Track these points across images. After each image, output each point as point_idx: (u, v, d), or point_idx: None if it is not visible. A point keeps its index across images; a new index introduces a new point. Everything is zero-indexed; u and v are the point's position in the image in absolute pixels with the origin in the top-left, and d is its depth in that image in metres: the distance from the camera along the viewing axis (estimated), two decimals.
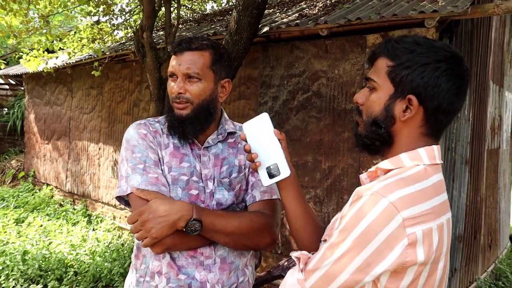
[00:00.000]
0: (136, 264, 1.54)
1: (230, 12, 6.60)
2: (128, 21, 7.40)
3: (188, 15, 8.58)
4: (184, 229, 1.34)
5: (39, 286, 4.37)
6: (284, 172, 1.26)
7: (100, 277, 4.63)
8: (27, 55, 6.54)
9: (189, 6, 8.35)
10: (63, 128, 8.31)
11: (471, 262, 4.71)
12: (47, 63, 6.81)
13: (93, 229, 6.42)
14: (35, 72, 8.75)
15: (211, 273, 1.46)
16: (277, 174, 1.26)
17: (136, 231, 1.33)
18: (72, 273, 4.64)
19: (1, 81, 11.64)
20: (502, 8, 3.06)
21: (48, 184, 8.72)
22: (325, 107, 4.03)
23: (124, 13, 7.30)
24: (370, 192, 1.01)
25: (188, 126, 1.47)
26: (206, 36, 1.93)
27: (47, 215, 7.10)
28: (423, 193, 1.02)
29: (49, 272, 4.63)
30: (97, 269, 4.70)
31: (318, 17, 4.09)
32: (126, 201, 1.47)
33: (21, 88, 11.32)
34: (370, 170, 1.18)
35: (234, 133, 1.62)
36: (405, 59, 1.07)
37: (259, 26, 4.05)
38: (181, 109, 1.47)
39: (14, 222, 6.45)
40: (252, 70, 4.66)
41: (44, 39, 5.98)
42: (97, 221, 6.74)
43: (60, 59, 7.67)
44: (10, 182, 9.65)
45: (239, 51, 3.79)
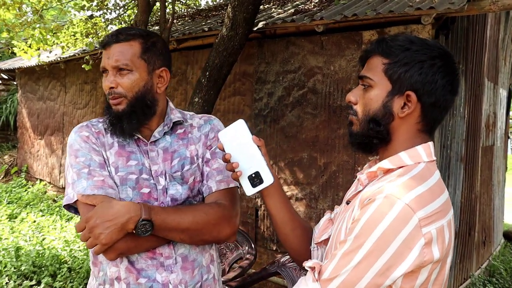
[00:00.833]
0: (95, 272, 1.47)
1: (225, 8, 6.57)
2: (122, 16, 7.34)
3: (183, 10, 8.53)
4: (134, 231, 1.27)
5: (33, 283, 4.34)
6: (267, 180, 1.22)
7: None
8: (24, 45, 6.42)
9: (184, 1, 8.29)
10: (57, 124, 8.25)
11: (466, 259, 4.73)
12: (39, 56, 6.74)
13: None
14: (28, 67, 8.69)
15: (173, 274, 1.41)
16: (260, 183, 1.22)
17: (85, 239, 1.26)
18: (66, 269, 4.61)
19: None
20: (498, 5, 3.07)
21: (42, 180, 8.67)
22: (321, 104, 4.02)
23: (118, 8, 7.25)
24: (383, 195, 1.00)
25: (125, 122, 1.40)
26: (137, 27, 1.86)
27: (41, 211, 7.06)
28: (432, 191, 1.03)
29: (43, 268, 4.60)
30: None
31: (314, 13, 4.07)
32: (76, 209, 1.39)
33: (14, 83, 11.23)
34: (370, 170, 1.16)
35: (183, 123, 1.53)
36: (402, 56, 1.08)
37: (255, 22, 4.03)
38: (117, 105, 1.39)
39: (7, 218, 6.41)
40: (248, 66, 4.63)
41: (37, 34, 5.92)
42: None
43: (54, 54, 7.61)
44: (3, 178, 9.59)
45: (235, 47, 3.77)
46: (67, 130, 7.92)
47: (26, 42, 6.26)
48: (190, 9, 8.36)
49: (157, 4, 5.43)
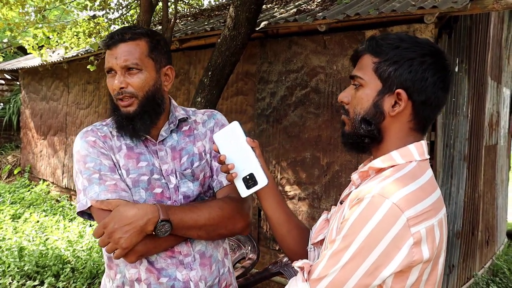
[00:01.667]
0: (111, 274, 1.46)
1: (228, 7, 6.57)
2: (125, 16, 7.35)
3: (186, 10, 8.54)
4: (154, 232, 1.28)
5: (36, 283, 4.35)
6: (262, 182, 1.22)
7: (98, 273, 4.61)
8: (33, 41, 6.37)
9: (187, 1, 8.30)
10: (60, 124, 8.27)
11: (469, 258, 4.72)
12: (47, 54, 6.75)
13: (90, 225, 6.39)
14: (31, 67, 8.71)
15: (193, 271, 1.42)
16: (255, 184, 1.23)
17: (104, 244, 1.26)
18: (69, 269, 4.62)
19: None
20: (502, 4, 3.05)
21: (45, 180, 8.69)
22: (323, 103, 4.02)
23: (121, 8, 7.26)
24: (371, 195, 1.00)
25: (138, 123, 1.39)
26: (140, 26, 1.84)
27: (44, 211, 7.08)
28: (422, 190, 1.02)
29: (46, 269, 4.61)
30: (94, 265, 4.68)
31: (317, 13, 4.07)
32: (89, 215, 1.39)
33: (17, 83, 11.26)
34: (362, 170, 1.16)
35: (187, 119, 1.54)
36: (392, 55, 1.08)
37: (257, 21, 4.03)
38: (127, 106, 1.38)
39: (11, 218, 6.43)
40: (250, 66, 4.63)
41: (41, 33, 5.93)
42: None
43: (56, 54, 7.62)
44: (6, 178, 9.62)
45: (237, 47, 3.76)
46: (70, 130, 7.94)
47: (35, 38, 6.23)
48: (193, 9, 8.37)
49: (160, 4, 5.44)
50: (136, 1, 6.92)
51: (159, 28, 6.64)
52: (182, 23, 7.04)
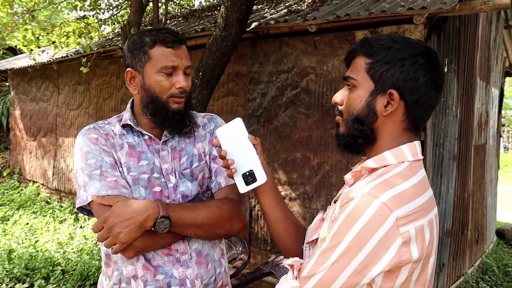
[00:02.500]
0: (108, 272, 1.48)
1: (219, 8, 6.57)
2: (116, 16, 7.32)
3: (176, 11, 8.52)
4: (153, 228, 1.30)
5: (26, 285, 4.32)
6: (261, 179, 1.24)
7: (88, 275, 4.59)
8: (23, 41, 6.29)
9: (177, 2, 8.28)
10: (50, 125, 8.21)
11: (459, 257, 4.76)
12: (32, 52, 6.68)
13: (81, 227, 6.36)
14: (20, 68, 8.64)
15: (189, 269, 1.44)
16: (254, 181, 1.24)
17: (103, 239, 1.28)
18: (60, 272, 4.59)
19: None
20: (489, 5, 3.09)
21: (35, 182, 8.62)
22: (314, 104, 4.03)
23: (111, 8, 7.23)
24: (361, 194, 1.00)
25: (186, 118, 1.48)
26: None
27: (34, 213, 7.03)
28: (413, 191, 1.03)
29: (36, 271, 4.58)
30: (85, 267, 4.66)
31: (307, 13, 4.08)
32: (89, 211, 1.41)
33: (6, 84, 11.16)
34: (355, 170, 1.17)
35: (189, 125, 1.57)
36: (384, 55, 1.09)
37: (248, 22, 4.03)
38: (181, 103, 1.45)
39: (0, 220, 6.37)
40: (241, 67, 4.63)
41: (29, 35, 5.88)
42: (85, 219, 6.67)
43: (46, 55, 7.56)
44: None
45: (228, 47, 3.76)
46: (60, 132, 7.88)
47: (24, 38, 6.17)
48: (183, 10, 8.35)
49: (150, 5, 5.42)
50: (127, 2, 6.89)
51: (148, 28, 6.61)
52: (173, 24, 7.02)
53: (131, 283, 1.42)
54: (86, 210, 1.41)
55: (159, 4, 4.92)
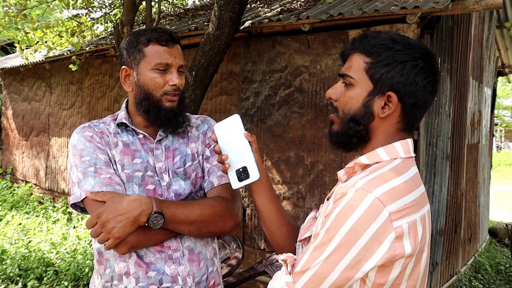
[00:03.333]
0: (100, 270, 1.49)
1: (212, 7, 6.55)
2: (108, 15, 7.28)
3: (170, 10, 8.49)
4: (147, 224, 1.31)
5: (19, 286, 4.29)
6: (254, 176, 1.23)
7: (81, 276, 4.57)
8: (20, 43, 6.23)
9: (171, 1, 8.25)
10: (42, 125, 8.16)
11: (452, 256, 4.78)
12: (24, 53, 6.64)
13: (74, 227, 6.32)
14: (12, 67, 8.58)
15: (181, 266, 1.45)
16: (247, 178, 1.24)
17: (97, 235, 1.28)
18: (53, 272, 4.57)
19: None
20: (482, 5, 3.10)
21: (27, 182, 8.57)
22: (307, 103, 4.03)
23: (104, 7, 7.18)
24: (355, 189, 1.01)
25: (180, 116, 1.49)
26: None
27: (26, 213, 6.98)
28: (405, 186, 1.03)
29: (29, 272, 4.55)
30: (78, 268, 4.63)
31: (300, 12, 4.08)
32: (82, 208, 1.42)
33: None
34: (348, 166, 1.17)
35: (183, 123, 1.58)
36: (385, 56, 1.08)
37: (241, 21, 4.02)
38: (174, 101, 1.47)
39: None
40: (234, 66, 4.63)
41: (21, 34, 5.84)
42: (78, 219, 6.64)
43: (39, 54, 7.51)
44: None
45: (221, 46, 3.75)
46: (53, 131, 7.83)
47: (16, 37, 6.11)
48: (177, 9, 8.32)
49: (143, 3, 5.40)
50: (120, 0, 6.86)
51: (143, 28, 6.59)
52: (166, 23, 7.00)
53: (123, 280, 1.42)
54: (80, 208, 1.42)
55: (152, 3, 4.90)
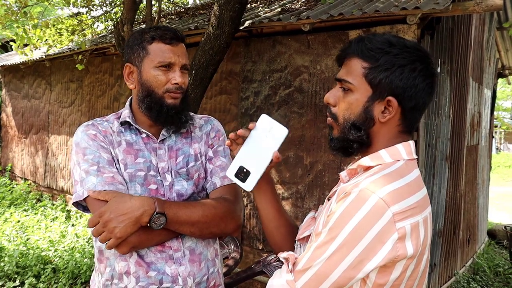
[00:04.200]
0: (100, 268, 1.49)
1: (213, 6, 6.55)
2: (109, 14, 7.28)
3: (170, 9, 8.49)
4: (149, 224, 1.31)
5: (16, 283, 4.29)
6: (248, 185, 1.20)
7: (79, 274, 4.56)
8: (18, 40, 6.21)
9: (171, 0, 8.25)
10: (42, 122, 8.16)
11: (450, 257, 4.78)
12: (26, 54, 6.65)
13: (72, 225, 6.32)
14: (12, 65, 8.58)
15: (182, 266, 1.44)
16: (242, 180, 1.21)
17: (98, 234, 1.29)
18: (51, 270, 4.56)
19: None
20: (482, 6, 3.10)
21: (26, 179, 8.56)
22: (307, 103, 4.02)
23: (105, 5, 7.18)
24: (359, 189, 1.01)
25: (182, 114, 1.49)
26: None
27: (25, 211, 6.98)
28: (409, 188, 1.03)
29: (27, 269, 4.55)
30: (76, 266, 4.63)
31: (301, 12, 4.07)
32: (84, 207, 1.42)
33: None
34: (351, 167, 1.17)
35: (186, 123, 1.57)
36: (383, 61, 1.07)
37: (241, 21, 4.02)
38: (176, 99, 1.47)
39: None
40: (234, 65, 4.62)
41: (21, 32, 5.83)
42: (76, 217, 6.64)
43: (39, 51, 7.51)
44: None
45: (221, 46, 3.75)
46: (52, 129, 7.83)
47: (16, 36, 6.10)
48: (177, 8, 8.32)
49: (144, 2, 5.39)
50: None
51: (143, 27, 6.58)
52: (167, 22, 6.99)
53: (123, 279, 1.42)
54: (82, 206, 1.43)
55: (153, 2, 4.90)
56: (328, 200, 1.20)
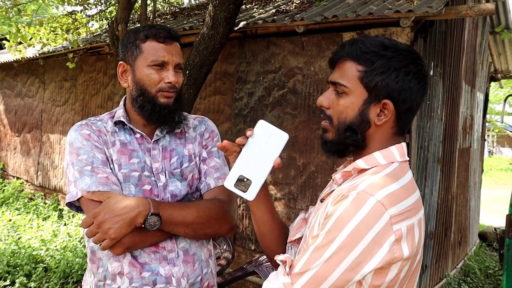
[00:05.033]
0: (93, 268, 1.47)
1: (208, 6, 6.55)
2: (104, 13, 7.26)
3: (165, 8, 8.48)
4: (143, 225, 1.31)
5: (7, 283, 4.26)
6: (249, 195, 1.15)
7: (71, 273, 4.54)
8: (11, 38, 6.18)
9: (166, 0, 8.25)
10: (35, 121, 8.12)
11: (441, 259, 4.80)
12: (20, 52, 6.62)
13: (65, 224, 6.30)
14: (6, 62, 8.53)
15: (176, 267, 1.44)
16: (242, 190, 1.15)
17: (93, 235, 1.28)
18: (42, 269, 4.54)
19: None
20: (475, 10, 3.13)
21: (18, 178, 8.51)
22: (300, 104, 4.04)
23: (100, 4, 7.16)
24: (356, 191, 1.01)
25: (175, 113, 1.48)
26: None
27: (17, 209, 6.94)
28: (404, 190, 1.04)
29: (18, 268, 4.52)
30: (68, 265, 4.61)
31: (295, 14, 4.09)
32: (78, 207, 1.41)
33: None
34: (345, 170, 1.17)
35: (180, 123, 1.56)
36: (378, 65, 1.08)
37: (236, 21, 4.02)
38: (170, 98, 1.46)
39: None
40: (228, 66, 4.63)
41: (15, 30, 5.80)
42: (69, 216, 6.61)
43: (33, 49, 7.47)
44: None
45: (215, 46, 3.75)
46: (46, 128, 7.79)
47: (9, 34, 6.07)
48: (172, 7, 8.31)
49: (139, 1, 5.38)
50: None
51: (138, 26, 6.57)
52: (161, 22, 6.98)
53: (117, 280, 1.41)
54: (75, 206, 1.42)
55: (148, 1, 4.89)
56: (321, 202, 1.20)
